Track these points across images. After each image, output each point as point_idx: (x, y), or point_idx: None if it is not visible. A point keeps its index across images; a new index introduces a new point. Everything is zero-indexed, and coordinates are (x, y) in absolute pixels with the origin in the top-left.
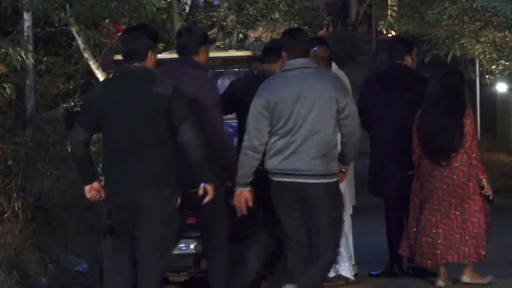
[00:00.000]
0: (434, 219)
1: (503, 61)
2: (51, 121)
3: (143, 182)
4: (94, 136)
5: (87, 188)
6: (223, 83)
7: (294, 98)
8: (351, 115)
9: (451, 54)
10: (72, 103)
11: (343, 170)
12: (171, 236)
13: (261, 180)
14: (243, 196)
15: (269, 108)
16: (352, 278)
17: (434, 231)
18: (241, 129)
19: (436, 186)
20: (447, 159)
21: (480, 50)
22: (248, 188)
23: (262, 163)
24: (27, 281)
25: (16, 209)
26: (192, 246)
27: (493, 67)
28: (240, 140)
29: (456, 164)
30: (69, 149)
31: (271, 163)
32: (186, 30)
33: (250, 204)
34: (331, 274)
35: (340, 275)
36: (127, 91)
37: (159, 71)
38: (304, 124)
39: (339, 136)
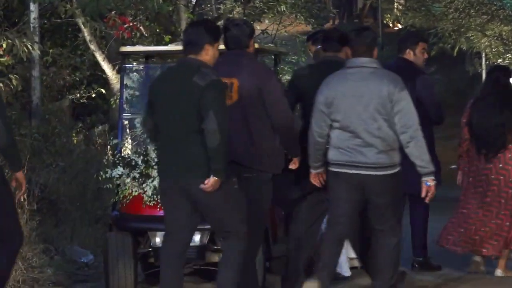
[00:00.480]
0: (495, 210)
1: (509, 54)
2: (57, 113)
3: (188, 168)
4: (100, 127)
5: None
6: None
7: (350, 95)
8: (401, 111)
9: (457, 47)
10: (78, 95)
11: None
12: (235, 211)
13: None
14: (319, 176)
15: (327, 104)
16: (345, 274)
17: (493, 221)
18: (305, 117)
19: (492, 178)
20: (499, 153)
21: (486, 43)
22: (319, 170)
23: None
24: (32, 272)
25: (22, 200)
26: (197, 238)
27: (499, 60)
28: (304, 128)
29: (510, 155)
30: (75, 141)
31: (331, 155)
32: (234, 25)
33: (323, 182)
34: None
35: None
36: (173, 81)
37: (217, 66)
38: (361, 120)
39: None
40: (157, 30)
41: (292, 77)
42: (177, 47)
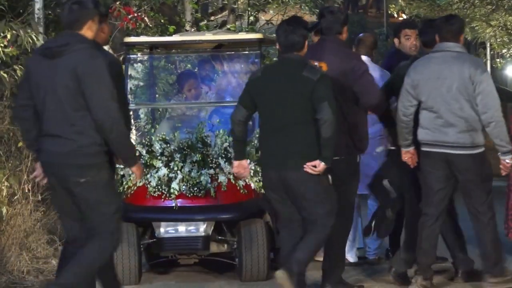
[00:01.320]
0: None
1: None
2: None
3: (290, 158)
4: None
5: (235, 163)
6: (233, 66)
7: (434, 78)
8: (482, 92)
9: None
10: None
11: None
12: (326, 203)
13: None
14: (408, 154)
15: (414, 86)
16: (352, 260)
17: None
18: None
19: None
20: None
21: (491, 33)
22: (410, 148)
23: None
24: (37, 263)
25: (26, 191)
26: (201, 229)
27: (504, 50)
28: None
29: None
30: None
31: (420, 135)
32: (329, 12)
33: (415, 161)
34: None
35: None
36: (281, 75)
37: (309, 50)
38: (444, 101)
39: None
40: (162, 21)
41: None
42: (181, 37)
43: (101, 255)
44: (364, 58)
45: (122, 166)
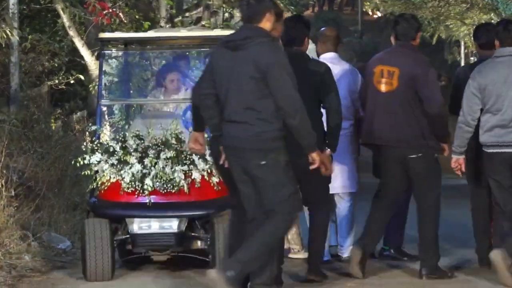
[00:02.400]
0: None
1: None
2: (36, 99)
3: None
4: (79, 113)
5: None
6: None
7: (502, 81)
8: None
9: (436, 35)
10: (57, 81)
11: None
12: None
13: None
14: (459, 162)
15: (481, 89)
16: (325, 258)
17: None
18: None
19: None
20: None
21: (465, 32)
22: (462, 156)
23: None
24: (9, 259)
25: (0, 186)
26: (175, 225)
27: None
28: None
29: None
30: (53, 127)
31: (485, 137)
32: (404, 19)
33: (463, 169)
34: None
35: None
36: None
37: (382, 54)
38: (510, 104)
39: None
40: (137, 17)
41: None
42: (156, 34)
43: (275, 234)
44: (332, 55)
45: (96, 162)
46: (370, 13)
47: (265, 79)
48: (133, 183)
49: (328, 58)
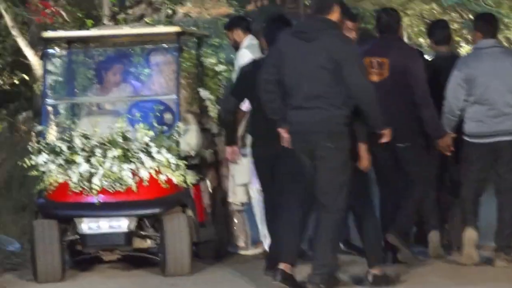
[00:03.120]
0: None
1: None
2: None
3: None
4: (24, 114)
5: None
6: (153, 60)
7: (490, 72)
8: None
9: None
10: (1, 81)
11: None
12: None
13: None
14: (445, 141)
15: (468, 80)
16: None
17: None
18: None
19: None
20: None
21: (408, 23)
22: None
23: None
24: None
25: None
26: (124, 225)
27: (421, 40)
28: None
29: None
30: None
31: (471, 127)
32: (386, 13)
33: (451, 148)
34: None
35: None
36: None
37: (369, 47)
38: (499, 94)
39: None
40: (79, 15)
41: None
42: (99, 31)
43: (334, 227)
44: None
45: (43, 163)
46: None
47: (337, 68)
48: (81, 183)
49: None
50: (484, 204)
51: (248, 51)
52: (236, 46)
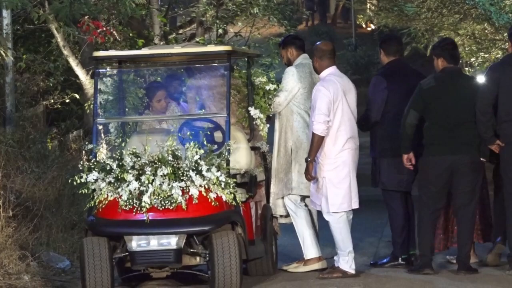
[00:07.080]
0: None
1: (482, 53)
2: (31, 119)
3: None
4: (75, 132)
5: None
6: (203, 79)
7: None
8: None
9: (430, 47)
10: (52, 100)
11: None
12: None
13: None
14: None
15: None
16: (351, 271)
17: None
18: None
19: None
20: None
21: (459, 42)
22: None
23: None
24: (9, 279)
25: None
26: (173, 242)
27: (473, 59)
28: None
29: None
30: (50, 146)
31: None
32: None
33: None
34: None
35: (338, 267)
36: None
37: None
38: None
39: None
40: (130, 35)
41: None
42: (150, 51)
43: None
44: (335, 68)
45: (93, 181)
46: (364, 25)
47: None
48: (130, 200)
49: (333, 71)
50: None
51: (294, 68)
52: (289, 64)
